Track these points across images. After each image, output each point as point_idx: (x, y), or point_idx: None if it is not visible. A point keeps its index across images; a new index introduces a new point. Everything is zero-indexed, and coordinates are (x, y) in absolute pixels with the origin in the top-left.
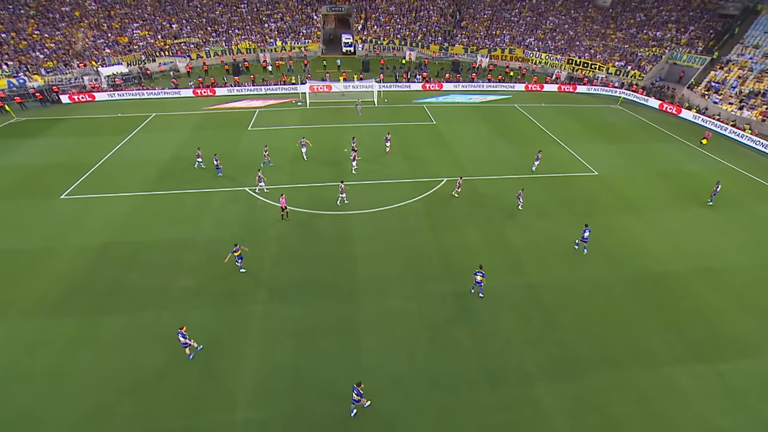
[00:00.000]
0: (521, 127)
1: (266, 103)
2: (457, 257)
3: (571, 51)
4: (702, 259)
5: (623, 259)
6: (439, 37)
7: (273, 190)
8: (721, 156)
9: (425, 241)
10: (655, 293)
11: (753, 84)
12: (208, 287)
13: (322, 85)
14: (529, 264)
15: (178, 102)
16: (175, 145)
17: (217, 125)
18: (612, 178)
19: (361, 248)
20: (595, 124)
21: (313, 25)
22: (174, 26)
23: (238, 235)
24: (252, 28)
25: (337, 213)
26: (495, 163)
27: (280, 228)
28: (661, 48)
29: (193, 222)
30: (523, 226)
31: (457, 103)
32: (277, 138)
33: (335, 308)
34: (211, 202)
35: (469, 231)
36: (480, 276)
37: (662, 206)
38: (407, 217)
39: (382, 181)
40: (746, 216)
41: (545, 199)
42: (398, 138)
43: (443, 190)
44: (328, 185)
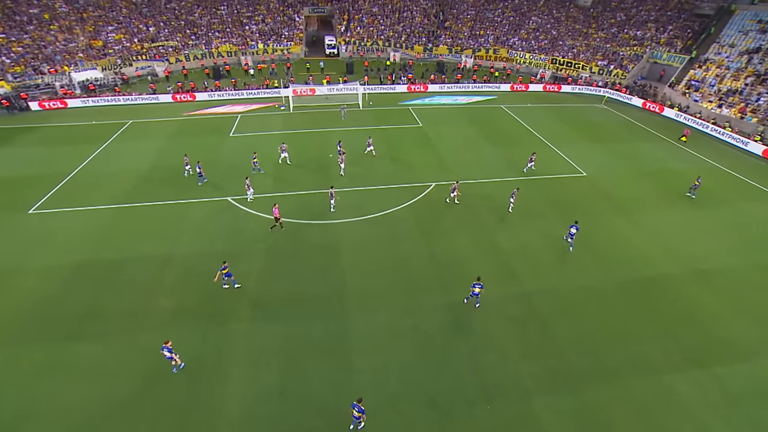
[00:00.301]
0: (508, 128)
1: (248, 108)
2: (448, 266)
3: (555, 50)
4: (693, 261)
5: (616, 263)
6: (423, 38)
7: (258, 198)
8: (704, 154)
9: (415, 249)
10: (650, 297)
11: (730, 82)
12: (189, 306)
13: (306, 89)
14: (522, 271)
15: (157, 108)
16: (154, 154)
17: (198, 132)
18: (600, 179)
19: (350, 259)
20: (581, 123)
21: (295, 27)
22: (151, 29)
23: (221, 249)
24: (232, 30)
25: (324, 222)
26: (483, 166)
27: (266, 240)
28: (641, 47)
29: (173, 236)
30: (514, 231)
31: (443, 105)
32: (260, 144)
33: (324, 325)
34: (191, 214)
35: (460, 238)
36: (479, 288)
37: (650, 206)
38: (396, 225)
39: (370, 188)
40: (732, 214)
41: (535, 201)
42: (385, 142)
43: (432, 196)
44: (314, 193)
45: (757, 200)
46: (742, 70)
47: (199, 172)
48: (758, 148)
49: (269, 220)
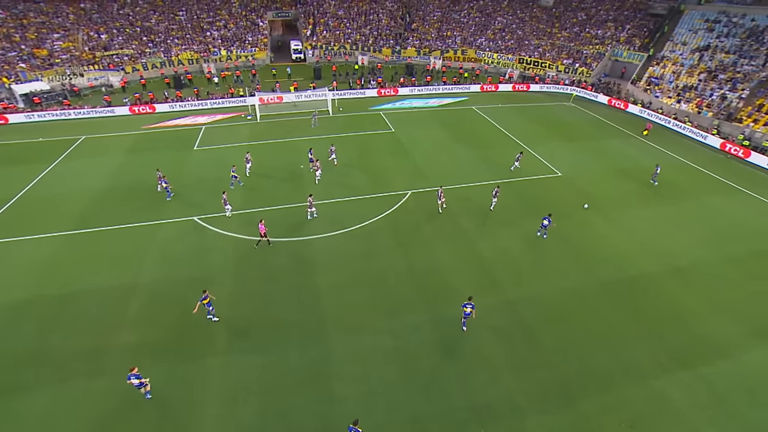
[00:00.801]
0: (481, 130)
1: (213, 119)
2: (429, 279)
3: (521, 50)
4: (669, 257)
5: (597, 262)
6: (390, 41)
7: (224, 216)
8: (670, 149)
9: (394, 263)
10: (632, 297)
11: (686, 78)
12: (155, 341)
13: (273, 97)
14: (504, 278)
15: (113, 121)
16: (110, 172)
17: (159, 146)
18: (575, 178)
19: (326, 278)
20: (552, 122)
21: (259, 32)
22: (103, 36)
23: (189, 274)
24: (193, 37)
25: (298, 239)
26: (459, 170)
27: (237, 261)
28: (603, 46)
29: (134, 262)
30: (494, 237)
31: (415, 108)
32: (227, 157)
33: (303, 352)
34: (154, 237)
35: (439, 247)
36: (470, 308)
37: (625, 204)
38: (373, 238)
39: (344, 199)
40: (699, 208)
41: (513, 205)
42: (357, 149)
43: (408, 205)
44: (285, 207)
45: (720, 193)
46: (695, 66)
47: (166, 187)
48: (716, 142)
49: (238, 239)
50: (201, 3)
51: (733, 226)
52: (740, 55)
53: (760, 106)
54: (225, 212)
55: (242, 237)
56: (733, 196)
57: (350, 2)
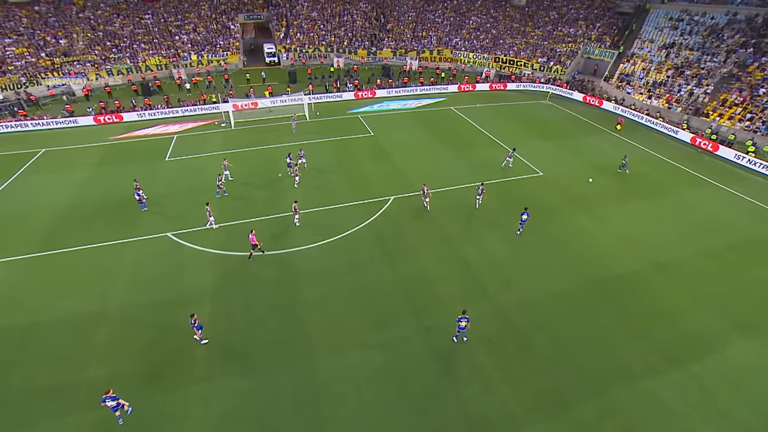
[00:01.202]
0: (461, 131)
1: (185, 127)
2: (417, 289)
3: (497, 49)
4: (652, 254)
5: (583, 262)
6: (366, 42)
7: (202, 230)
8: (645, 145)
9: (380, 274)
10: (619, 296)
11: (655, 75)
12: (127, 372)
13: (248, 103)
14: (492, 285)
15: (75, 133)
16: (75, 187)
17: (127, 158)
18: (557, 178)
19: (311, 292)
20: (531, 121)
21: (230, 35)
22: (62, 42)
23: (164, 295)
24: (161, 41)
25: (278, 252)
26: (440, 173)
27: (215, 280)
28: (576, 44)
29: (103, 286)
30: (479, 240)
31: (393, 111)
32: (201, 167)
33: (289, 374)
34: (125, 257)
35: (425, 254)
36: (465, 322)
37: (607, 201)
38: (357, 247)
39: (326, 208)
40: (676, 203)
41: (496, 207)
42: (336, 155)
43: (392, 211)
44: (264, 219)
45: (694, 187)
46: (662, 63)
47: (140, 199)
48: (687, 136)
49: (216, 255)
50: (168, 6)
51: (708, 219)
52: (703, 52)
53: (723, 101)
54: (207, 224)
55: (220, 252)
56: (705, 189)
57: (323, 3)
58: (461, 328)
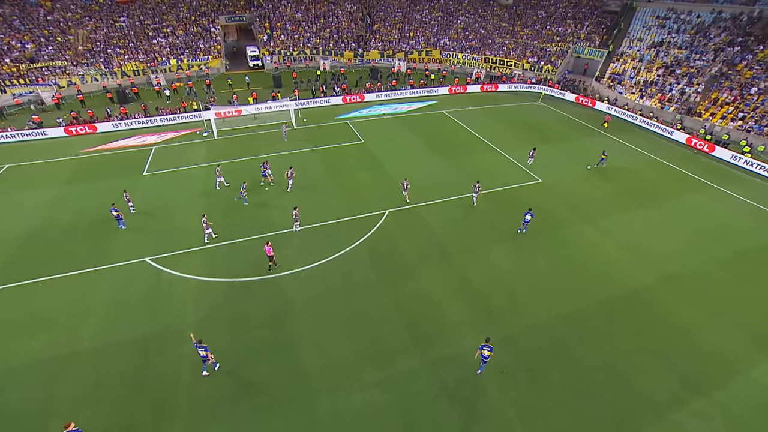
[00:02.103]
0: (454, 136)
1: (164, 138)
2: (419, 314)
3: (486, 49)
4: (661, 265)
5: (592, 278)
6: (352, 43)
7: (184, 254)
8: (640, 146)
9: (379, 298)
10: (632, 314)
11: (645, 74)
12: (100, 422)
13: (231, 110)
14: (499, 307)
15: (44, 146)
16: (42, 208)
17: (101, 173)
18: (556, 184)
19: (304, 324)
20: (525, 124)
21: (211, 38)
22: (28, 46)
23: (143, 331)
24: (137, 45)
25: (268, 277)
26: (436, 183)
27: (199, 312)
28: (565, 43)
29: (72, 323)
30: (481, 258)
31: (383, 116)
32: (182, 182)
33: (282, 421)
34: (97, 288)
35: (425, 275)
36: (488, 350)
37: (609, 209)
38: (352, 269)
39: (317, 225)
40: (679, 208)
41: (497, 219)
42: (326, 165)
43: (388, 227)
44: (252, 240)
45: (695, 191)
46: (652, 62)
47: (117, 216)
48: (682, 137)
49: (200, 283)
50: (145, 8)
51: (713, 225)
52: (692, 51)
53: (715, 100)
54: (206, 237)
55: (203, 279)
56: (706, 192)
57: (307, 4)
58: (485, 358)
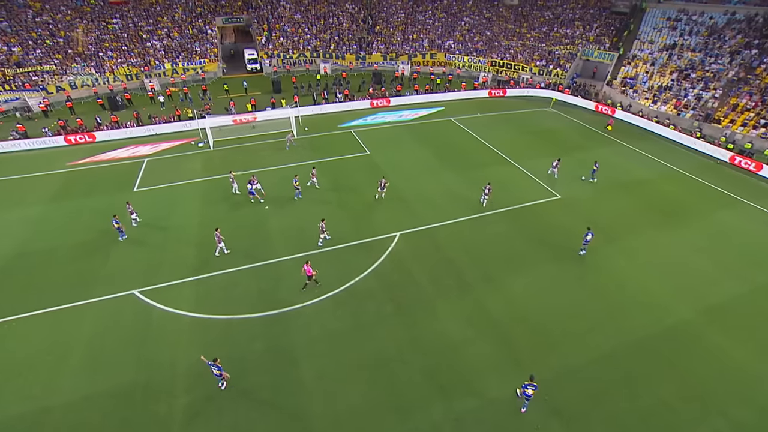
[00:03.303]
0: (464, 146)
1: (157, 149)
2: (439, 358)
3: (492, 52)
4: (701, 295)
5: (626, 312)
6: (353, 46)
7: (172, 286)
8: (660, 156)
9: (393, 339)
10: (675, 356)
11: (659, 78)
12: None
13: (228, 119)
14: (526, 348)
15: (27, 158)
16: (20, 231)
17: (88, 189)
18: (576, 200)
19: (311, 370)
20: (538, 132)
21: (208, 40)
22: (15, 49)
23: (126, 381)
24: (131, 48)
25: (268, 314)
26: (448, 200)
27: (191, 355)
28: (574, 45)
29: (49, 372)
30: (503, 289)
31: (389, 124)
32: (176, 199)
33: None
34: (77, 326)
35: (443, 310)
36: (531, 389)
37: (636, 228)
38: (363, 303)
39: (322, 251)
40: (713, 227)
41: (516, 242)
42: (330, 180)
43: (398, 252)
44: (249, 269)
45: (728, 208)
46: (665, 65)
47: (118, 227)
48: (702, 147)
49: (194, 321)
50: (138, 9)
51: (752, 246)
52: (706, 54)
53: (734, 106)
54: (217, 251)
55: (197, 316)
56: (738, 209)
57: (307, 5)
58: (528, 396)
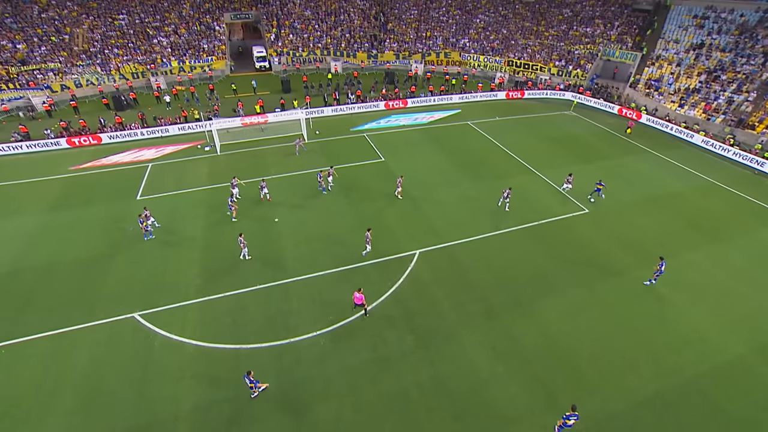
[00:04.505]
0: (484, 153)
1: (162, 152)
2: (466, 399)
3: (509, 51)
4: (750, 327)
5: (666, 347)
6: (365, 43)
7: (167, 310)
8: (692, 166)
9: (416, 375)
10: (728, 401)
11: (685, 80)
12: None
13: (236, 121)
14: (562, 389)
15: (28, 162)
16: (15, 244)
17: (89, 197)
18: (604, 216)
19: (327, 413)
20: (559, 139)
21: (215, 37)
22: (19, 46)
23: (124, 424)
24: (137, 45)
25: (277, 344)
26: (470, 215)
27: (195, 391)
28: (594, 45)
29: (39, 408)
30: (531, 314)
31: (403, 127)
32: (181, 209)
33: None
34: (75, 354)
35: (468, 341)
36: (574, 419)
37: (672, 247)
38: (381, 332)
39: (333, 271)
40: (758, 248)
41: (543, 262)
42: (343, 189)
43: (418, 272)
44: (258, 290)
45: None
46: (692, 66)
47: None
48: (737, 155)
49: (196, 349)
50: (145, 5)
51: None
52: (737, 54)
53: None
54: (241, 255)
55: (201, 345)
56: None
57: (317, 1)
58: (568, 426)
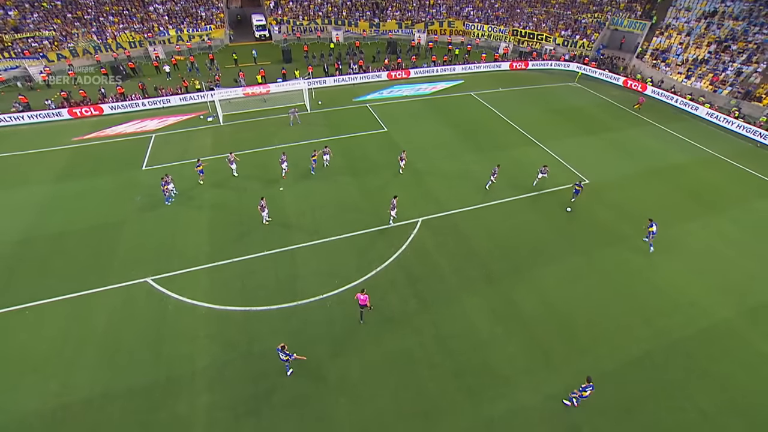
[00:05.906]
0: (487, 124)
1: (165, 123)
2: (467, 358)
3: (514, 20)
4: (739, 293)
5: (658, 310)
6: (367, 12)
7: (181, 274)
8: (693, 138)
9: (420, 338)
10: (713, 361)
11: (694, 50)
12: None
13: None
14: (557, 348)
15: (31, 132)
16: (26, 214)
17: (95, 168)
18: (605, 187)
19: (333, 371)
20: (563, 110)
21: (213, 4)
22: (11, 13)
23: (144, 378)
24: (132, 12)
25: (285, 306)
26: (472, 185)
27: (209, 350)
28: (602, 13)
29: (63, 367)
30: (530, 283)
31: (406, 98)
32: (187, 177)
33: None
34: (94, 316)
35: (469, 305)
36: (590, 390)
37: (670, 219)
38: (385, 296)
39: (338, 237)
40: (752, 217)
41: (543, 231)
42: (346, 159)
43: (421, 239)
44: (266, 255)
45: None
46: (702, 36)
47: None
48: (743, 127)
49: (208, 311)
50: None
51: None
52: (750, 22)
53: None
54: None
55: (213, 307)
56: None
57: None
58: (583, 397)
